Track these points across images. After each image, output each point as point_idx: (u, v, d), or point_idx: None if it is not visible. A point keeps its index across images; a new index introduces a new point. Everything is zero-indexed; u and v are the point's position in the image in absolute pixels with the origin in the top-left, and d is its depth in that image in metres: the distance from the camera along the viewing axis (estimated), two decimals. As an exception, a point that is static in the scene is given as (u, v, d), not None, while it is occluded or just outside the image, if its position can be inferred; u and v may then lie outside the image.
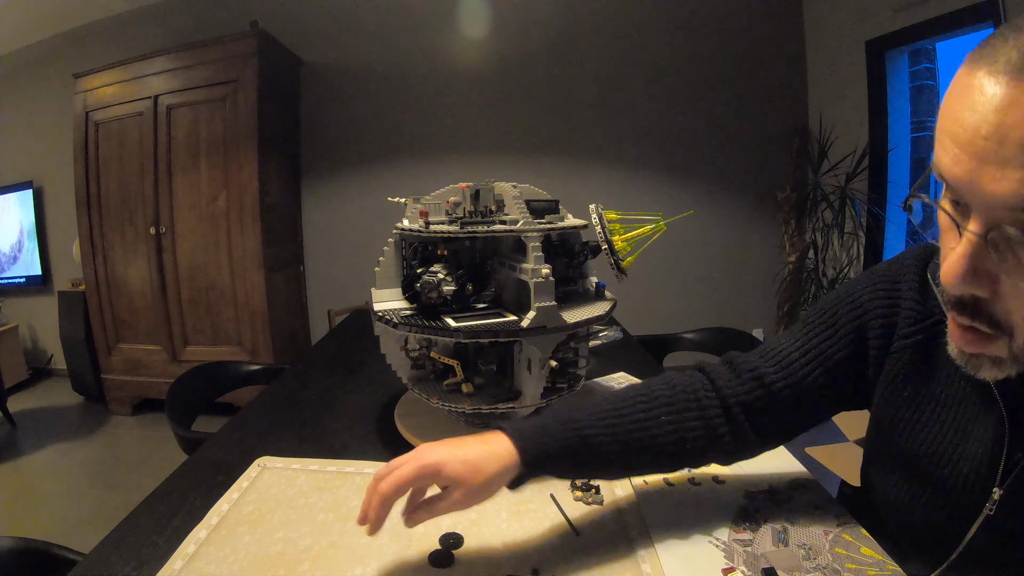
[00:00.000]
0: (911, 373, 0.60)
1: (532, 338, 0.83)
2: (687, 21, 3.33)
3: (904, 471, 0.62)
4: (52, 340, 3.69)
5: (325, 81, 3.41)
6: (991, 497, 0.51)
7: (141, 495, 0.80)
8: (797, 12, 3.36)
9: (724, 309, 3.58)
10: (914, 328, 0.59)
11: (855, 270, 3.02)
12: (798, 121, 3.39)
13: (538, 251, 0.82)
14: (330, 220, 3.53)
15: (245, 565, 0.65)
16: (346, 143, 3.45)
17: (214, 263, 2.96)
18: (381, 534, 0.71)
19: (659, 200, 3.48)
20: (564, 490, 0.81)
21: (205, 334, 3.06)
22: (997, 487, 0.51)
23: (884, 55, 2.76)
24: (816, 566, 0.64)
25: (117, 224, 3.06)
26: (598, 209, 0.91)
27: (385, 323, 0.88)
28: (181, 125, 2.91)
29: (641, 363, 1.46)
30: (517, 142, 3.43)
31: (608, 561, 0.65)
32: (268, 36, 2.96)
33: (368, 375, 1.38)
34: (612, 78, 3.38)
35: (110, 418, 3.17)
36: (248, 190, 2.85)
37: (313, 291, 3.60)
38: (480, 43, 3.34)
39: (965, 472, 0.54)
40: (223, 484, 0.83)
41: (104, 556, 0.67)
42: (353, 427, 1.06)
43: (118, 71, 2.98)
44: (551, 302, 0.81)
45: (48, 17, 3.32)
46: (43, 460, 2.67)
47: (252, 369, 1.56)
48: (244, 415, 1.13)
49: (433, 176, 3.37)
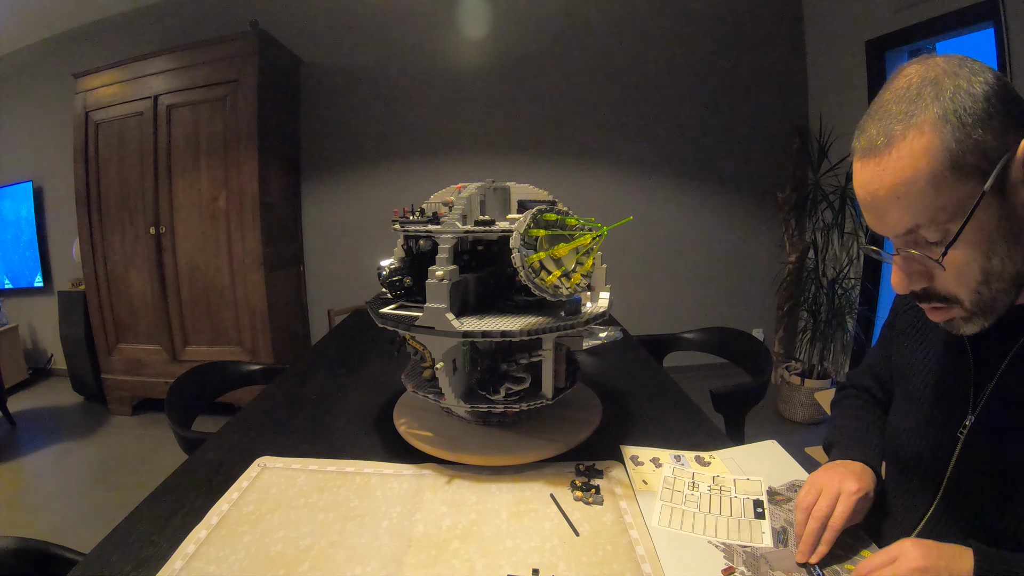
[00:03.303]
0: (911, 330, 0.77)
1: (425, 337, 0.83)
2: (687, 21, 3.33)
3: (908, 407, 0.73)
4: (52, 340, 3.70)
5: (325, 81, 3.41)
6: (964, 422, 0.62)
7: (141, 495, 0.80)
8: (797, 12, 3.36)
9: (724, 309, 3.58)
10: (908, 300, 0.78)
11: (855, 270, 3.02)
12: (798, 121, 3.39)
13: (445, 253, 0.84)
14: (330, 220, 3.53)
15: (245, 565, 0.65)
16: (346, 143, 3.45)
17: (214, 263, 2.96)
18: (381, 534, 0.71)
19: (659, 200, 3.49)
20: (564, 490, 0.81)
21: (205, 334, 3.06)
22: (971, 414, 0.62)
23: (884, 55, 2.77)
24: (816, 566, 0.64)
25: (117, 224, 3.06)
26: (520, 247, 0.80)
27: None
28: (181, 125, 2.91)
29: (641, 363, 1.46)
30: (517, 142, 3.43)
31: (608, 561, 0.66)
32: (268, 36, 2.96)
33: (368, 375, 1.38)
34: (612, 78, 3.38)
35: (110, 418, 3.17)
36: (248, 190, 2.85)
37: (313, 291, 3.61)
38: (480, 43, 3.34)
39: (948, 403, 0.66)
40: (223, 484, 0.83)
41: (104, 556, 0.67)
42: (353, 427, 1.06)
43: (118, 71, 2.98)
44: (441, 304, 0.81)
45: (48, 17, 3.32)
46: (43, 460, 2.67)
47: (252, 369, 1.55)
48: (244, 415, 1.13)
49: (433, 176, 3.38)
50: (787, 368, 3.09)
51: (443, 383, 0.86)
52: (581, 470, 0.86)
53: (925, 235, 0.53)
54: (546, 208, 0.87)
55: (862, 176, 0.54)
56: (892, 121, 0.51)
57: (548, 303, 0.93)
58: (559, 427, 0.97)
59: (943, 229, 0.52)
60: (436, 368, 0.83)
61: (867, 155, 0.53)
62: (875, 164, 0.52)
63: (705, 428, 1.04)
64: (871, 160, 0.53)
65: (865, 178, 0.54)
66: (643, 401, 1.17)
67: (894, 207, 0.52)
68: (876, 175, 0.52)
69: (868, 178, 0.53)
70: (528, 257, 0.80)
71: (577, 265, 0.85)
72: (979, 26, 2.27)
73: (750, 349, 1.60)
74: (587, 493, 0.79)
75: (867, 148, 0.53)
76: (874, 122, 0.53)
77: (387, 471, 0.88)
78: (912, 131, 0.50)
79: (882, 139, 0.52)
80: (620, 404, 1.15)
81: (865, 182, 0.54)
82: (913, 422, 0.71)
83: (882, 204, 0.53)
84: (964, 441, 0.62)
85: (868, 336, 2.98)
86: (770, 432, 0.86)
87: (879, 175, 0.52)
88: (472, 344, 0.95)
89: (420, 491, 0.81)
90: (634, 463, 0.89)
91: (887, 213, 0.53)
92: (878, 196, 0.53)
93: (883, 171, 0.52)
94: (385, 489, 0.82)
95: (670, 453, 0.92)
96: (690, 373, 2.98)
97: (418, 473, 0.87)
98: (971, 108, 0.49)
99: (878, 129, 0.52)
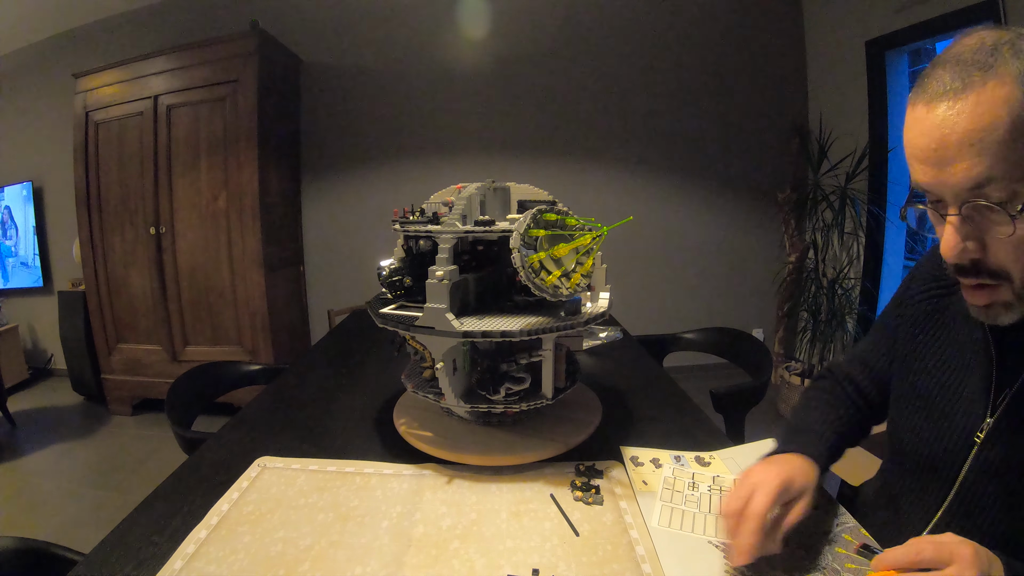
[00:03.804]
0: (926, 324, 0.73)
1: (425, 337, 0.83)
2: (687, 21, 3.33)
3: (919, 404, 0.71)
4: (52, 340, 3.70)
5: (325, 81, 3.41)
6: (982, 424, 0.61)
7: (141, 495, 0.80)
8: (797, 12, 3.36)
9: (724, 309, 3.59)
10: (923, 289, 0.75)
11: (855, 270, 3.02)
12: (798, 121, 3.39)
13: (445, 253, 0.84)
14: (330, 220, 3.53)
15: (245, 565, 0.65)
16: (346, 143, 3.45)
17: (214, 263, 2.96)
18: (381, 534, 0.71)
19: (659, 200, 3.49)
20: (564, 490, 0.81)
21: (205, 334, 3.06)
22: (989, 417, 0.61)
23: (884, 55, 2.76)
24: (816, 566, 0.64)
25: (117, 224, 3.06)
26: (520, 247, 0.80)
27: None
28: (181, 125, 2.91)
29: (641, 363, 1.46)
30: (517, 142, 3.43)
31: (608, 561, 0.66)
32: (268, 36, 2.96)
33: (368, 375, 1.38)
34: (612, 78, 3.38)
35: (110, 418, 3.17)
36: (248, 190, 2.85)
37: (313, 291, 3.61)
38: (480, 43, 3.34)
39: (965, 404, 0.64)
40: (223, 484, 0.83)
41: (104, 556, 0.67)
42: (353, 427, 1.06)
43: (118, 71, 2.98)
44: (441, 304, 0.81)
45: (48, 17, 3.32)
46: (43, 460, 2.67)
47: (252, 369, 1.55)
48: (244, 415, 1.13)
49: (433, 176, 3.38)
50: (787, 368, 3.09)
51: (443, 383, 0.86)
52: (581, 470, 0.86)
53: (993, 192, 0.49)
54: (546, 208, 0.87)
55: (929, 120, 0.50)
56: (970, 68, 0.49)
57: (548, 303, 0.93)
58: (559, 427, 0.97)
59: (1012, 189, 0.48)
60: (436, 368, 0.83)
61: (938, 99, 0.50)
62: (949, 107, 0.49)
63: (705, 428, 1.04)
64: (943, 103, 0.49)
65: (933, 122, 0.50)
66: (643, 401, 1.17)
67: (966, 155, 0.49)
68: (949, 119, 0.49)
69: (938, 122, 0.50)
70: (528, 257, 0.80)
71: (577, 265, 0.85)
72: (979, 26, 2.27)
73: (750, 349, 1.60)
74: (587, 493, 0.79)
75: (938, 92, 0.50)
76: (946, 69, 0.50)
77: (387, 471, 0.88)
78: (993, 80, 0.48)
79: (959, 83, 0.49)
80: (620, 404, 1.15)
81: (932, 127, 0.50)
82: (923, 421, 0.69)
83: (952, 151, 0.49)
84: (981, 444, 0.60)
85: (868, 336, 2.98)
86: (770, 432, 0.86)
87: (953, 119, 0.49)
88: (472, 344, 0.95)
89: (420, 491, 0.81)
90: (634, 463, 0.89)
91: (956, 161, 0.49)
92: (947, 142, 0.49)
93: (958, 115, 0.49)
94: (385, 489, 0.82)
95: (670, 453, 0.92)
96: (690, 373, 2.98)
97: (418, 473, 0.87)
98: None
99: (952, 75, 0.49)
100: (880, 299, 2.94)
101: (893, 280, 2.88)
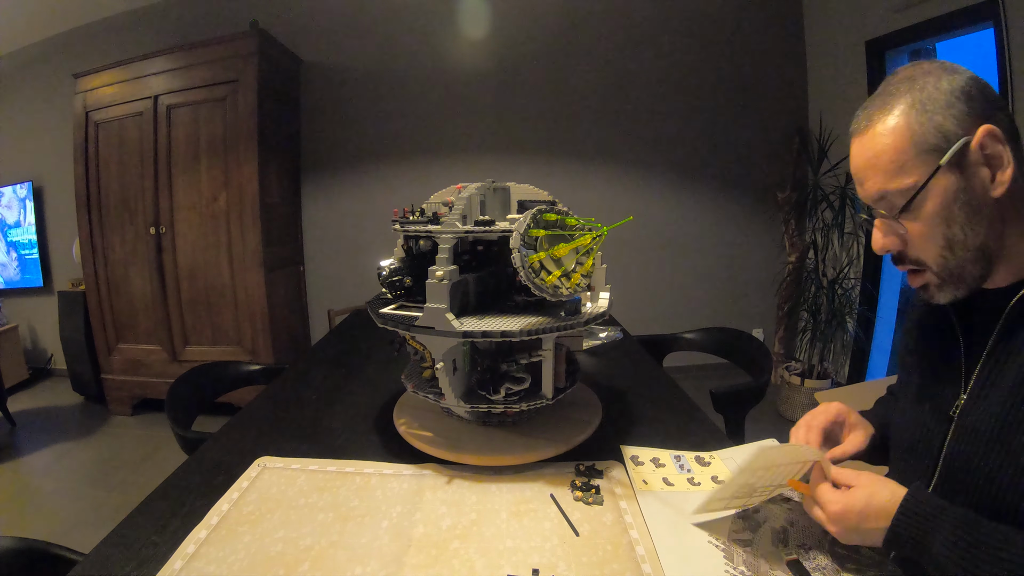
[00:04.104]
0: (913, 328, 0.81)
1: (425, 337, 0.83)
2: (687, 22, 3.33)
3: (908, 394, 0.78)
4: (52, 340, 3.70)
5: (325, 81, 3.41)
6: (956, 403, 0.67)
7: (141, 495, 0.80)
8: (797, 12, 3.36)
9: (724, 309, 3.58)
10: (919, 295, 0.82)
11: (855, 270, 3.02)
12: (798, 121, 3.39)
13: (445, 253, 0.84)
14: (330, 220, 3.53)
15: (245, 565, 0.65)
16: (346, 143, 3.45)
17: (214, 263, 2.96)
18: (381, 534, 0.71)
19: (659, 200, 3.49)
20: (564, 490, 0.81)
21: (205, 334, 3.06)
22: (963, 394, 0.67)
23: (884, 55, 2.76)
24: (816, 566, 0.64)
25: (117, 224, 3.06)
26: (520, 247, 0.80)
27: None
28: (181, 125, 2.91)
29: (641, 363, 1.46)
30: (517, 142, 3.43)
31: (608, 561, 0.66)
32: (268, 36, 2.96)
33: (368, 375, 1.38)
34: (612, 78, 3.38)
35: (110, 418, 3.17)
36: (248, 190, 2.85)
37: (313, 291, 3.61)
38: (480, 43, 3.34)
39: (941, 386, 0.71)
40: (223, 484, 0.83)
41: (104, 556, 0.67)
42: (353, 427, 1.06)
43: (118, 71, 2.98)
44: (441, 304, 0.81)
45: (48, 17, 3.32)
46: (43, 460, 2.67)
47: (252, 369, 1.55)
48: (244, 415, 1.13)
49: (433, 176, 3.38)
50: (787, 368, 3.09)
51: (443, 383, 0.86)
52: (581, 470, 0.86)
53: (894, 200, 0.63)
54: (546, 208, 0.87)
55: (852, 152, 0.67)
56: (874, 109, 0.64)
57: (548, 303, 0.93)
58: (559, 427, 0.97)
59: (908, 196, 0.62)
60: (436, 368, 0.83)
61: (855, 135, 0.67)
62: (859, 142, 0.66)
63: (705, 428, 1.04)
64: (857, 139, 0.66)
65: (853, 153, 0.67)
66: (643, 401, 1.17)
67: (870, 175, 0.64)
68: (859, 150, 0.66)
69: (854, 153, 0.67)
70: (528, 257, 0.80)
71: (577, 265, 0.85)
72: (979, 26, 2.27)
73: (750, 349, 1.60)
74: (587, 493, 0.79)
75: (855, 130, 0.67)
76: (863, 111, 0.66)
77: (387, 471, 0.88)
78: (886, 115, 0.62)
79: (865, 122, 0.65)
80: (620, 404, 1.15)
81: (853, 156, 0.67)
82: (910, 408, 0.75)
83: (862, 173, 0.66)
84: (957, 420, 0.66)
85: (868, 336, 2.98)
86: (770, 432, 0.86)
87: (861, 150, 0.65)
88: (472, 344, 0.95)
89: (420, 491, 0.81)
90: (634, 463, 0.89)
91: (865, 181, 0.65)
92: (859, 167, 0.66)
93: (863, 147, 0.65)
94: (385, 489, 0.82)
95: (670, 453, 0.92)
96: (690, 373, 2.98)
97: (418, 473, 0.87)
98: (934, 98, 0.60)
99: (864, 115, 0.66)
100: (880, 299, 2.94)
101: (893, 280, 2.88)
